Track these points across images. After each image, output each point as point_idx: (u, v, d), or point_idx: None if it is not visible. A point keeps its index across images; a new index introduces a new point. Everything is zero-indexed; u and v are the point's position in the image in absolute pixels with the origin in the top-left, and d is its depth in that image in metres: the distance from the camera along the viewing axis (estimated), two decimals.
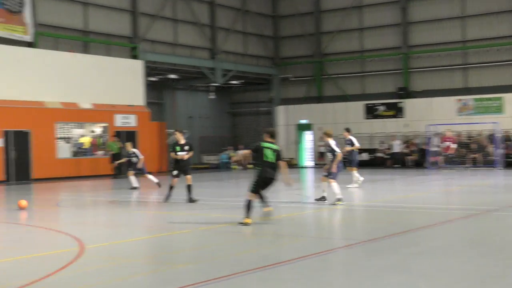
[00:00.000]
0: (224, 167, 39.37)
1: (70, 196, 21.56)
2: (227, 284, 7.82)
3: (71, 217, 15.81)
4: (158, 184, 22.00)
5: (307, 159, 41.21)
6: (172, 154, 17.76)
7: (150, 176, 22.85)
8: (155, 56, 35.57)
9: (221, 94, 44.58)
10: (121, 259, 9.66)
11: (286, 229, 12.92)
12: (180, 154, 17.71)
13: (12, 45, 29.14)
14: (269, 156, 12.89)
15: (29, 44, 29.92)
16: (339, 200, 16.16)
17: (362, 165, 37.19)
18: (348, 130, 22.67)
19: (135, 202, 19.59)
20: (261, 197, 13.29)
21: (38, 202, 20.44)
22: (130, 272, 8.69)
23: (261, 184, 12.97)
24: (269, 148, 12.99)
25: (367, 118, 39.31)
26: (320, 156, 40.39)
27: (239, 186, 25.00)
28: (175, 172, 17.94)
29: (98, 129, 33.23)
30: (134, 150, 23.00)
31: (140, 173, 23.20)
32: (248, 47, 41.78)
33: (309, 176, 31.16)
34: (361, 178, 21.97)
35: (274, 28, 43.34)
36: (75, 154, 31.85)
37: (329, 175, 16.64)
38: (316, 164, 40.32)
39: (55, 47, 31.14)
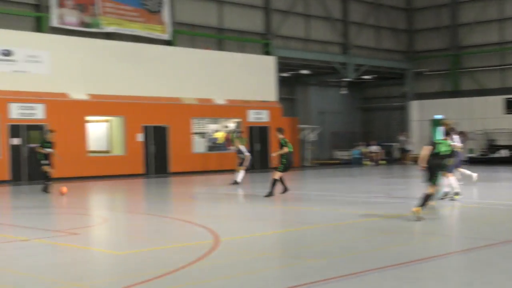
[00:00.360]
0: (356, 163, 39.01)
1: (204, 190, 22.17)
2: (360, 281, 7.71)
3: (205, 210, 16.25)
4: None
5: None
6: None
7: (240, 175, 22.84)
8: (287, 52, 35.81)
9: (352, 89, 44.16)
10: (254, 252, 9.79)
11: (419, 227, 12.58)
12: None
13: (151, 43, 30.37)
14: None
15: (167, 42, 31.07)
16: (456, 194, 16.14)
17: (502, 162, 35.77)
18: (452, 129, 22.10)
19: (267, 197, 19.81)
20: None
21: (175, 195, 21.18)
22: (263, 265, 8.80)
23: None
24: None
25: (508, 113, 37.50)
26: None
27: (370, 182, 24.68)
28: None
29: (231, 125, 33.95)
30: (241, 147, 23.14)
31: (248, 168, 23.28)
32: (381, 41, 41.11)
33: None
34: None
35: (408, 21, 42.35)
36: (210, 148, 32.73)
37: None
38: None
39: (191, 45, 32.15)
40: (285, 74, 39.13)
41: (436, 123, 40.13)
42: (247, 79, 33.18)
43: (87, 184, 24.63)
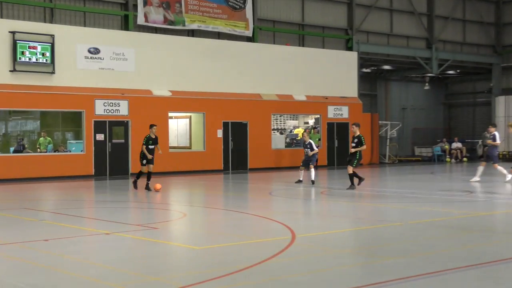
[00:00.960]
0: (437, 159, 38.19)
1: (282, 186, 22.21)
2: (439, 281, 7.55)
3: (283, 206, 16.27)
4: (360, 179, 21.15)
5: None
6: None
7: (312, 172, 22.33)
8: (369, 47, 35.40)
9: (436, 84, 43.22)
10: (330, 249, 9.74)
11: (503, 226, 12.20)
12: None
13: (233, 40, 30.64)
14: None
15: (249, 39, 31.26)
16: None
17: None
18: (494, 125, 23.03)
19: (344, 193, 19.66)
20: None
21: (253, 191, 21.31)
22: (339, 262, 8.74)
23: None
24: None
25: None
26: None
27: (452, 179, 24.10)
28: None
29: (311, 121, 33.85)
30: (311, 141, 22.80)
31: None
32: (467, 35, 40.00)
33: None
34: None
35: (497, 14, 41.02)
36: (289, 145, 32.75)
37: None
38: None
39: (273, 41, 32.23)
40: (366, 70, 38.71)
41: None
42: (327, 75, 33.00)
43: (167, 180, 25.11)
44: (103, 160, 26.61)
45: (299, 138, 33.26)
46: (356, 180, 19.59)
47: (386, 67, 39.40)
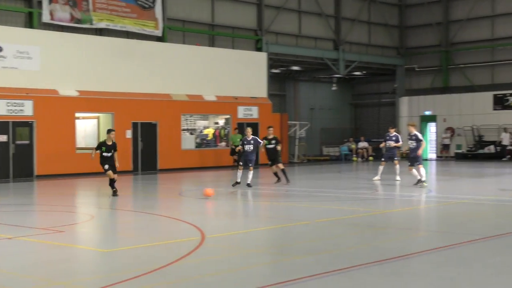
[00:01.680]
0: (344, 159, 39.10)
1: (192, 187, 22.16)
2: (346, 277, 7.76)
3: (192, 207, 16.24)
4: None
5: (430, 151, 40.13)
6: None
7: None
8: (279, 48, 35.81)
9: (343, 85, 44.24)
10: (240, 249, 9.81)
11: (405, 223, 12.64)
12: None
13: (143, 39, 30.28)
14: None
15: (159, 39, 30.98)
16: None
17: (489, 158, 36.01)
18: (393, 126, 23.65)
19: (254, 193, 19.83)
20: None
21: (162, 192, 21.16)
22: (249, 262, 8.82)
23: None
24: None
25: (496, 109, 37.71)
26: (443, 149, 39.27)
27: (358, 178, 24.73)
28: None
29: (221, 121, 33.93)
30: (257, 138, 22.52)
31: None
32: (372, 37, 41.15)
33: (432, 169, 30.29)
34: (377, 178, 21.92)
35: (400, 17, 42.40)
36: (199, 145, 32.70)
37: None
38: (438, 157, 39.22)
39: (183, 41, 32.08)
40: (276, 70, 39.15)
41: (426, 119, 40.35)
42: (237, 75, 33.16)
43: (75, 181, 24.57)
44: (5, 162, 25.70)
45: (209, 138, 33.28)
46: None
47: (295, 67, 39.99)
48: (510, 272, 7.92)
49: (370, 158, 38.77)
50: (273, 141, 21.42)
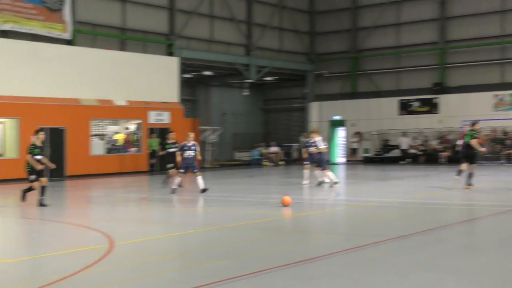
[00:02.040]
0: (255, 163, 39.41)
1: (102, 193, 21.79)
2: (256, 281, 7.82)
3: (102, 214, 15.98)
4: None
5: (339, 155, 41.07)
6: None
7: None
8: (190, 53, 35.72)
9: (255, 90, 44.59)
10: (150, 256, 9.72)
11: (315, 226, 12.88)
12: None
13: (51, 42, 29.52)
14: None
15: (68, 42, 30.29)
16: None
17: (395, 161, 37.21)
18: (315, 131, 23.29)
19: (166, 199, 19.70)
20: None
21: (71, 198, 20.70)
22: (159, 269, 8.75)
23: None
24: None
25: (401, 114, 39.01)
26: (352, 153, 40.23)
27: (269, 183, 24.97)
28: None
29: (132, 126, 33.52)
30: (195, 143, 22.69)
31: None
32: (283, 43, 41.69)
33: (340, 173, 30.97)
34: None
35: (310, 24, 43.16)
36: (109, 151, 32.17)
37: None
38: (348, 161, 40.16)
39: (93, 45, 31.50)
40: (187, 75, 39.03)
41: (335, 124, 41.25)
42: (149, 80, 32.84)
43: None
44: None
45: (119, 143, 32.79)
46: None
47: (207, 73, 40.00)
48: (413, 272, 8.20)
49: (281, 162, 39.22)
50: (176, 145, 21.75)
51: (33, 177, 16.91)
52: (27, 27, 28.63)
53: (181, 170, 19.95)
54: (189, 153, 19.76)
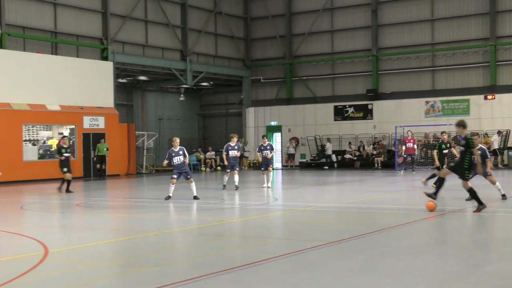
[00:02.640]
0: (193, 169, 39.20)
1: (35, 199, 21.27)
2: (194, 287, 7.74)
3: (35, 221, 15.58)
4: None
5: (276, 160, 41.24)
6: None
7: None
8: (125, 57, 35.31)
9: (191, 95, 44.44)
10: (86, 262, 9.52)
11: (252, 231, 12.88)
12: None
13: None
14: None
15: None
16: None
17: (331, 166, 37.71)
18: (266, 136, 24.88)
19: (102, 204, 19.40)
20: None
21: (2, 205, 20.11)
22: (95, 275, 8.57)
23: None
24: None
25: (336, 120, 39.56)
26: (288, 158, 40.53)
27: (207, 188, 24.89)
28: None
29: (65, 131, 32.85)
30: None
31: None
32: (219, 48, 41.70)
33: (277, 177, 31.15)
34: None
35: (246, 30, 43.33)
36: (42, 156, 31.44)
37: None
38: (283, 166, 40.42)
39: (23, 48, 30.74)
40: (122, 80, 38.58)
41: (272, 129, 41.48)
42: (83, 85, 32.28)
43: None
44: None
45: (53, 149, 32.07)
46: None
47: (143, 77, 39.64)
48: (351, 275, 8.28)
49: (218, 168, 39.17)
50: (69, 150, 23.39)
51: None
52: None
53: (174, 176, 18.82)
54: (233, 153, 21.80)
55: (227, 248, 10.64)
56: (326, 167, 37.62)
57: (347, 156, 38.13)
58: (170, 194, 18.74)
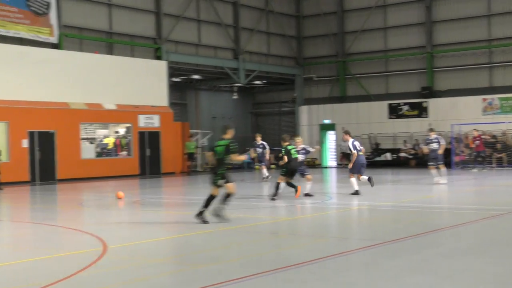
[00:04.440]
0: (247, 167, 39.37)
1: (93, 196, 21.71)
2: (248, 285, 7.79)
3: (94, 217, 15.91)
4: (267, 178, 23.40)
5: (330, 159, 41.10)
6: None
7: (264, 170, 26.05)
8: (178, 56, 35.70)
9: (244, 94, 44.61)
10: (143, 259, 9.69)
11: (307, 230, 12.88)
12: None
13: (38, 46, 29.42)
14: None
15: (54, 46, 30.19)
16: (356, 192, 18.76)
17: (386, 165, 37.27)
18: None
19: (158, 202, 19.67)
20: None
21: (62, 202, 20.61)
22: (152, 272, 8.72)
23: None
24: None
25: (390, 118, 39.13)
26: (343, 156, 40.27)
27: (260, 186, 24.95)
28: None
29: (121, 130, 33.43)
30: (263, 142, 25.65)
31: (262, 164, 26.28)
32: (271, 47, 41.75)
33: (332, 176, 31.02)
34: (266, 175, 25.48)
35: (298, 28, 43.26)
36: (99, 154, 32.07)
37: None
38: (338, 164, 40.19)
39: (80, 48, 31.41)
40: (176, 79, 38.99)
41: (325, 127, 41.31)
42: (137, 84, 32.78)
43: None
44: None
45: (109, 147, 32.68)
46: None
47: (196, 76, 39.97)
48: (407, 275, 8.20)
49: (272, 166, 39.20)
50: None
51: None
52: (13, 30, 28.50)
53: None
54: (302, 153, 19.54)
55: (281, 246, 10.67)
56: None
57: (402, 154, 37.69)
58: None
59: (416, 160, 36.66)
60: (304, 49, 43.26)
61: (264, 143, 27.15)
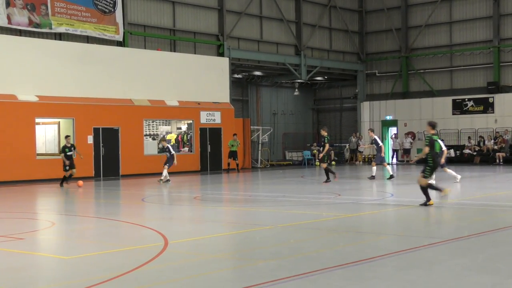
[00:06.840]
0: (307, 163, 39.27)
1: (155, 192, 22.02)
2: (309, 281, 7.77)
3: (155, 213, 16.14)
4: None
5: (391, 155, 40.57)
6: None
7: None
8: (240, 53, 35.85)
9: (305, 90, 44.47)
10: (203, 254, 9.77)
11: (366, 227, 12.75)
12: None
13: (103, 44, 30.04)
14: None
15: (119, 43, 30.77)
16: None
17: (449, 162, 36.52)
18: (372, 130, 26.08)
19: (218, 198, 19.81)
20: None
21: (125, 197, 20.98)
22: (212, 267, 8.78)
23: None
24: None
25: (454, 114, 38.36)
26: (404, 153, 39.70)
27: (321, 183, 24.84)
28: None
29: (183, 126, 33.80)
30: (375, 136, 25.25)
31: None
32: (333, 42, 41.49)
33: (393, 173, 30.56)
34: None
35: (360, 24, 42.85)
36: (161, 150, 32.48)
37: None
38: (399, 161, 39.65)
39: (144, 46, 31.91)
40: (238, 75, 39.17)
41: (387, 124, 40.80)
42: (200, 81, 33.09)
43: (35, 188, 24.21)
44: None
45: (172, 143, 33.07)
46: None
47: (257, 73, 40.08)
48: (470, 274, 8.03)
49: (333, 162, 38.99)
50: (72, 149, 24.45)
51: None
52: (80, 29, 29.17)
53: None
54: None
55: (341, 243, 10.59)
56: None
57: (466, 151, 36.91)
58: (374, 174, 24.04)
59: (480, 157, 35.85)
60: (366, 45, 42.82)
61: (376, 137, 25.15)
